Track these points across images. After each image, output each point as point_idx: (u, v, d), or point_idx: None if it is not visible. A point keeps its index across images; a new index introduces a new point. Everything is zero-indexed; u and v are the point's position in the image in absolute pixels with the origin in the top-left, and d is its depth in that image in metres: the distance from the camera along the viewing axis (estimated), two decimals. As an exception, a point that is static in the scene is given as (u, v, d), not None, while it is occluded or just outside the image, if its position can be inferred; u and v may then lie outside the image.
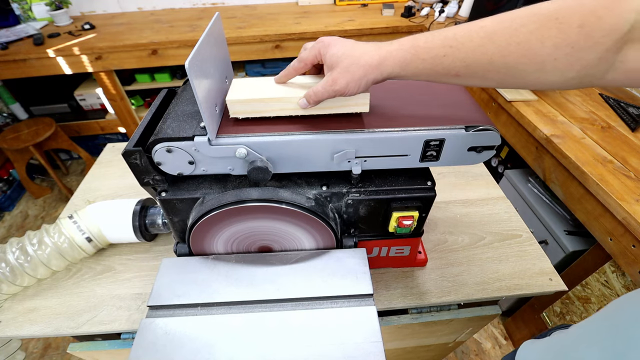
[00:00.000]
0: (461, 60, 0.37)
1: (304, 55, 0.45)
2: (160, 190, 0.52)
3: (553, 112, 1.19)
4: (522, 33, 0.34)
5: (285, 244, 0.58)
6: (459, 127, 0.47)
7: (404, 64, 0.39)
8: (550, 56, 0.33)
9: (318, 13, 2.06)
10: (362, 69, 0.40)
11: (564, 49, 0.33)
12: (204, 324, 0.49)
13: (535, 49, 0.33)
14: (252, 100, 0.47)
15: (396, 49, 0.39)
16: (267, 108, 0.48)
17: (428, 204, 0.54)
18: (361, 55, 0.40)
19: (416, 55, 0.38)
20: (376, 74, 0.40)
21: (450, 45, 0.37)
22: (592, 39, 0.31)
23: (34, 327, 0.61)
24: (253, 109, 0.48)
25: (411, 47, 0.38)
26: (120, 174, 0.93)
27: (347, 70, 0.40)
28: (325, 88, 0.42)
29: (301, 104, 0.46)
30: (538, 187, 1.30)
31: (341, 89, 0.41)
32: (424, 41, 0.38)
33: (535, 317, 1.28)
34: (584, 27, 0.31)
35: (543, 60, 0.34)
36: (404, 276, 0.68)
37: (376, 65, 0.39)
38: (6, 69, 1.70)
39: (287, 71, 0.47)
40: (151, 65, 1.79)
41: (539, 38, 0.33)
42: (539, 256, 0.72)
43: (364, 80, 0.41)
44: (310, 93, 0.44)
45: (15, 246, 0.62)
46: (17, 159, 1.92)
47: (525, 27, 0.34)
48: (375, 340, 0.46)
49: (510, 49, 0.34)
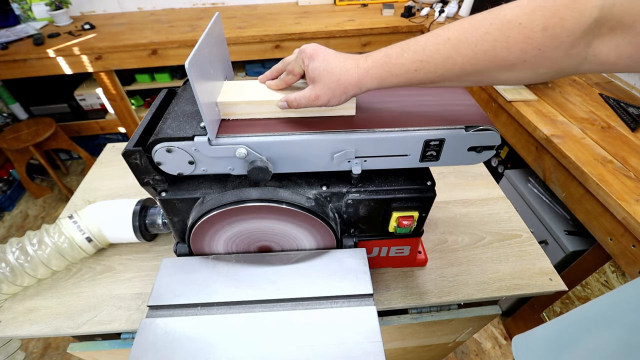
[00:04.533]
0: (433, 72, 0.38)
1: (291, 67, 0.46)
2: (160, 190, 0.52)
3: (553, 112, 1.19)
4: (487, 41, 0.34)
5: (285, 244, 0.58)
6: (459, 127, 0.47)
7: (381, 80, 0.40)
8: (519, 59, 0.34)
9: (318, 13, 2.06)
10: (341, 86, 0.41)
11: (531, 52, 0.33)
12: (204, 324, 0.49)
13: (502, 56, 0.34)
14: (241, 102, 0.48)
15: (371, 67, 0.40)
16: (257, 110, 0.49)
17: (428, 204, 0.54)
18: (341, 74, 0.41)
19: (389, 72, 0.39)
20: (355, 90, 0.42)
21: (420, 59, 0.37)
22: (558, 39, 0.32)
23: (34, 327, 0.61)
24: (243, 111, 0.49)
25: (384, 64, 0.39)
26: (120, 174, 0.93)
27: (328, 88, 0.42)
28: (307, 101, 0.44)
29: (281, 105, 0.47)
30: (538, 187, 1.30)
31: (323, 103, 0.44)
32: (395, 57, 0.39)
33: (535, 317, 1.28)
34: (547, 29, 0.31)
35: (513, 64, 0.34)
36: (404, 276, 0.68)
37: (355, 83, 0.41)
38: (6, 69, 1.69)
39: (278, 83, 0.49)
40: (151, 65, 1.79)
41: (504, 45, 0.33)
42: (539, 256, 0.72)
43: (344, 96, 0.43)
44: (292, 99, 0.45)
45: (15, 246, 0.62)
46: (17, 159, 1.92)
47: (489, 34, 0.34)
48: (375, 340, 0.46)
49: (477, 57, 0.35)
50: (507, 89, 1.32)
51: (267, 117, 0.50)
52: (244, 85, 0.51)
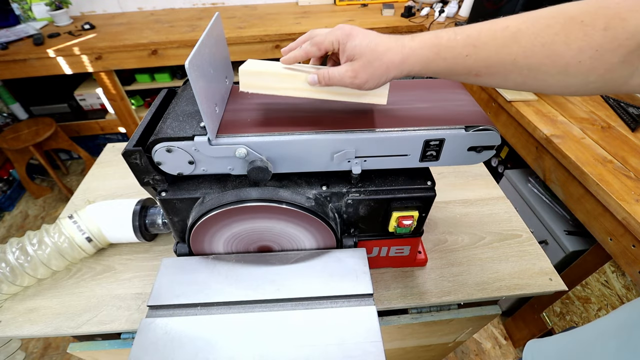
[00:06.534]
0: (483, 60, 0.36)
1: (318, 39, 0.41)
2: (160, 190, 0.52)
3: (553, 112, 1.19)
4: (547, 34, 0.33)
5: (285, 244, 0.58)
6: (459, 127, 0.47)
7: (426, 63, 0.38)
8: (575, 58, 0.33)
9: (318, 13, 2.06)
10: (384, 65, 0.39)
11: (588, 52, 0.32)
12: (204, 324, 0.49)
13: (560, 51, 0.33)
14: (266, 72, 0.44)
15: (419, 47, 0.38)
16: (280, 85, 0.44)
17: (428, 203, 0.54)
18: (385, 52, 0.38)
19: (438, 54, 0.37)
20: (397, 71, 0.39)
21: (474, 44, 0.36)
22: (617, 41, 0.31)
23: (34, 327, 0.61)
24: (265, 84, 0.45)
25: (433, 45, 0.37)
26: (121, 174, 0.93)
27: (370, 65, 0.39)
28: (342, 77, 0.40)
29: (310, 79, 0.43)
30: (538, 187, 1.30)
31: (361, 83, 0.40)
32: (447, 39, 0.37)
33: (535, 317, 1.28)
34: (608, 29, 0.31)
35: (567, 63, 0.33)
36: (404, 276, 0.68)
37: (399, 63, 0.38)
38: (6, 69, 1.69)
39: (298, 52, 0.43)
40: (151, 65, 1.79)
41: (564, 40, 0.33)
42: (539, 256, 0.72)
43: (384, 77, 0.40)
44: (325, 74, 0.41)
45: (15, 246, 0.62)
46: (17, 159, 1.92)
47: (550, 28, 0.33)
48: (375, 340, 0.46)
49: (534, 49, 0.34)
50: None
51: (289, 94, 0.45)
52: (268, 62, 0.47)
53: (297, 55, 0.43)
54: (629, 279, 0.93)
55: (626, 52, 0.31)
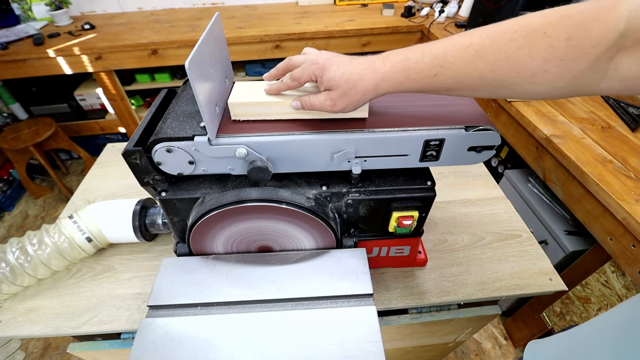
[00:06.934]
0: (452, 78, 0.38)
1: (297, 74, 0.44)
2: (160, 190, 0.52)
3: (553, 112, 1.19)
4: (511, 48, 0.34)
5: (285, 244, 0.58)
6: (459, 127, 0.47)
7: (398, 85, 0.40)
8: (540, 69, 0.33)
9: (318, 13, 2.06)
10: (359, 93, 0.41)
11: (553, 62, 0.33)
12: (204, 324, 0.49)
13: (524, 64, 0.34)
14: (254, 103, 0.48)
15: (390, 71, 0.40)
16: (268, 111, 0.48)
17: (428, 203, 0.54)
18: (359, 81, 0.40)
19: (408, 77, 0.39)
20: (373, 95, 0.42)
21: (441, 64, 0.37)
22: (581, 50, 0.31)
23: (34, 327, 0.61)
24: (254, 112, 0.48)
25: (403, 68, 0.39)
26: (121, 174, 0.93)
27: (347, 94, 0.41)
28: (322, 105, 0.43)
29: (295, 105, 0.46)
30: (538, 187, 1.30)
31: (339, 110, 0.43)
32: (415, 62, 0.38)
33: (535, 317, 1.28)
34: (572, 39, 0.31)
35: (533, 73, 0.34)
36: (403, 276, 0.68)
37: (373, 88, 0.41)
38: (6, 69, 1.70)
39: (282, 86, 0.47)
40: (151, 65, 1.79)
41: (528, 53, 0.33)
42: (539, 256, 0.72)
43: (362, 101, 0.42)
44: (307, 101, 0.45)
45: (15, 246, 0.62)
46: (17, 159, 1.92)
47: (513, 42, 0.34)
48: (375, 340, 0.46)
49: (499, 64, 0.35)
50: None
51: (278, 118, 0.49)
52: (254, 86, 0.50)
53: (280, 88, 0.47)
54: (629, 279, 0.93)
55: (592, 59, 0.32)
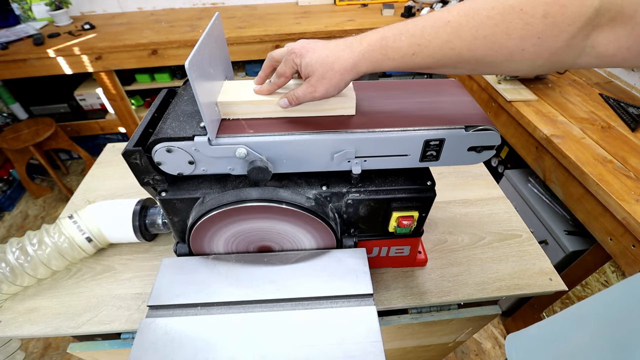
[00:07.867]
0: (430, 57, 0.37)
1: (281, 70, 0.45)
2: (160, 190, 0.52)
3: (553, 112, 1.19)
4: (488, 26, 0.34)
5: (285, 244, 0.58)
6: (459, 127, 0.47)
7: (376, 64, 0.40)
8: (518, 47, 0.33)
9: (318, 13, 2.06)
10: (338, 74, 0.41)
11: (530, 40, 0.33)
12: (204, 324, 0.49)
13: (502, 42, 0.34)
14: (241, 102, 0.48)
15: (367, 50, 0.39)
16: (257, 110, 0.49)
17: (428, 204, 0.54)
18: (335, 61, 0.40)
19: (386, 55, 0.39)
20: (352, 75, 0.42)
21: (418, 43, 0.37)
22: (558, 28, 0.31)
23: (34, 327, 0.61)
24: (243, 111, 0.49)
25: (381, 47, 0.39)
26: (121, 174, 0.93)
27: (324, 77, 0.42)
28: (305, 94, 0.44)
29: (282, 103, 0.47)
30: (538, 187, 1.30)
31: (321, 95, 0.43)
32: (393, 41, 0.38)
33: (535, 317, 1.28)
34: (548, 17, 0.31)
35: (510, 52, 0.34)
36: (404, 276, 0.68)
37: (351, 68, 0.41)
38: (6, 69, 1.69)
39: (270, 87, 0.48)
40: (151, 65, 1.79)
41: (504, 31, 0.33)
42: (539, 256, 0.72)
43: (342, 82, 0.42)
44: (292, 96, 0.45)
45: (15, 246, 0.62)
46: (17, 159, 1.92)
47: (490, 19, 0.33)
48: (375, 340, 0.46)
49: (477, 42, 0.35)
50: (507, 88, 1.32)
51: (267, 116, 0.50)
52: (244, 84, 0.51)
53: (270, 89, 0.48)
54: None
55: (568, 37, 0.32)
